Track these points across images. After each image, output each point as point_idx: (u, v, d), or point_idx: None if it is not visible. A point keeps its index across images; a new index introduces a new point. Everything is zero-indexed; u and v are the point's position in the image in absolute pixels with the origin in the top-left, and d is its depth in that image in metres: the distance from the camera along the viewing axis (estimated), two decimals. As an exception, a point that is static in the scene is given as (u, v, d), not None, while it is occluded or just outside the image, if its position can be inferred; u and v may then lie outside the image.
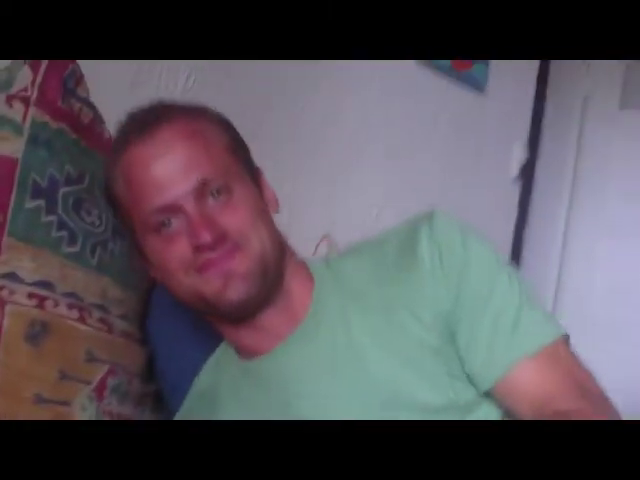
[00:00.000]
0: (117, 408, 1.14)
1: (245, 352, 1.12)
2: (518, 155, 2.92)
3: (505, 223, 2.95)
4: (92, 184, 1.19)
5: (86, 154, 1.20)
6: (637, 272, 3.04)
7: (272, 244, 1.06)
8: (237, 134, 1.11)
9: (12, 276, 1.07)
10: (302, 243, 1.20)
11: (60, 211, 1.13)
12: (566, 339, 1.06)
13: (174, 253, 1.02)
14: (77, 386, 1.09)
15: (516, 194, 2.96)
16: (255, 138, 1.16)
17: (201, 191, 1.01)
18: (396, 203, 2.32)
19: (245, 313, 1.05)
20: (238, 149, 1.10)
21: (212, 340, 1.19)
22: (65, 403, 1.06)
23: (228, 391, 1.13)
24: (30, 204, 1.11)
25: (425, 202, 2.38)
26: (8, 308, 1.06)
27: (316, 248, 1.86)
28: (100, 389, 1.11)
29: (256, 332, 1.08)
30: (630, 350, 2.89)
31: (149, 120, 1.05)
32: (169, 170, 1.01)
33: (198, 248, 1.00)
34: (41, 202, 1.12)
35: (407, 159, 2.41)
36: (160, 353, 1.29)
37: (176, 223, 1.01)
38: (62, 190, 1.14)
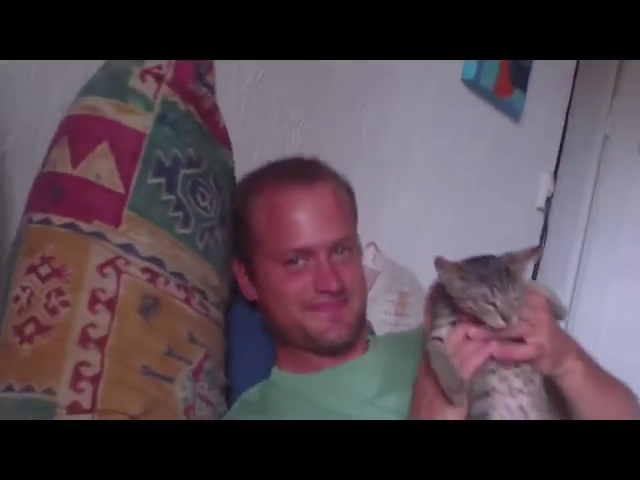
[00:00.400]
0: (207, 393, 1.15)
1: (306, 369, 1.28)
2: (545, 185, 2.98)
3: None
4: (209, 170, 1.21)
5: (207, 139, 1.22)
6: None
7: (365, 302, 1.31)
8: (356, 203, 1.35)
9: (129, 248, 1.10)
10: None
11: (179, 192, 1.16)
12: None
13: (296, 288, 1.23)
14: (180, 364, 1.10)
15: (539, 224, 3.03)
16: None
17: (334, 246, 1.24)
18: (434, 220, 2.39)
19: (337, 351, 1.26)
20: (356, 217, 1.34)
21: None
22: (169, 379, 1.08)
23: (285, 399, 1.25)
24: (152, 180, 1.13)
25: (459, 222, 2.47)
26: (124, 278, 1.08)
27: (363, 253, 1.90)
28: (197, 371, 1.13)
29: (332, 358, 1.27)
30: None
31: (308, 172, 1.27)
32: (316, 220, 1.23)
33: (323, 292, 1.22)
34: (162, 180, 1.14)
35: (448, 175, 2.47)
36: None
37: (303, 263, 1.23)
38: (182, 172, 1.17)
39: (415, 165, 2.31)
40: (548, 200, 3.02)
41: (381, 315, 1.72)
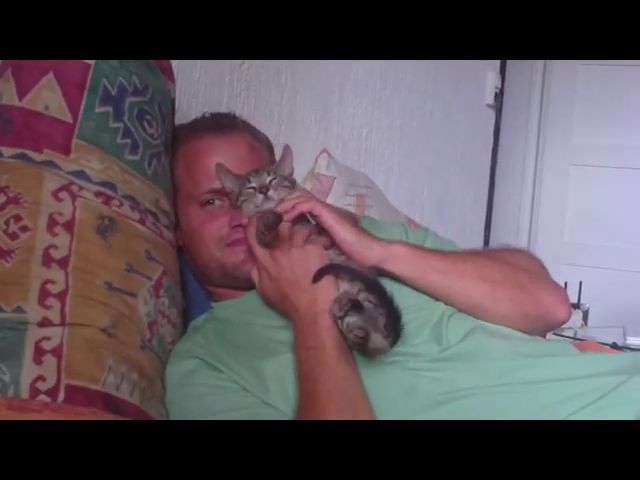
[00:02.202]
0: (168, 310, 1.20)
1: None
2: (492, 82, 3.15)
3: (483, 149, 3.20)
4: (153, 98, 1.26)
5: (151, 69, 1.26)
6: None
7: None
8: (274, 156, 1.44)
9: (81, 174, 1.14)
10: (302, 156, 1.33)
11: (126, 119, 1.20)
12: None
13: (213, 227, 1.30)
14: (141, 280, 1.15)
15: (492, 120, 3.19)
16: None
17: None
18: (382, 122, 2.49)
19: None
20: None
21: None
22: (132, 294, 1.12)
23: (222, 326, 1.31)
24: (100, 109, 1.17)
25: (409, 122, 2.56)
26: (79, 201, 1.12)
27: (316, 160, 1.96)
28: (157, 287, 1.18)
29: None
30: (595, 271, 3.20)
31: (224, 123, 1.37)
32: (229, 164, 1.29)
33: (236, 227, 1.28)
34: (109, 108, 1.18)
35: (394, 77, 2.55)
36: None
37: (219, 204, 1.32)
38: (129, 100, 1.21)
39: (359, 71, 2.36)
40: (497, 96, 3.15)
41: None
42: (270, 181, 1.24)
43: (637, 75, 3.46)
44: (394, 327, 1.12)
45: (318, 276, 1.15)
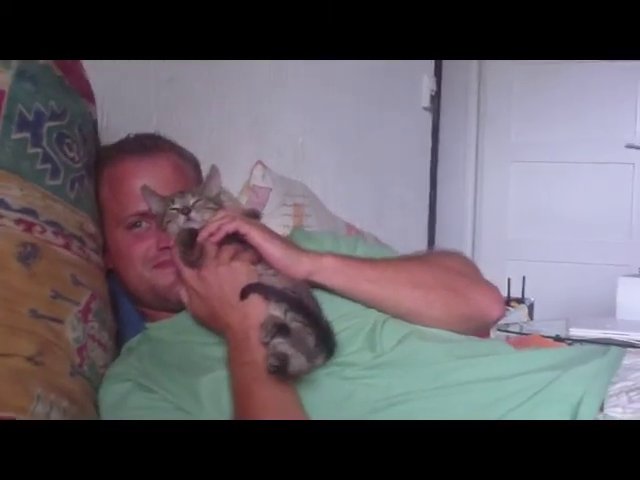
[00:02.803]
0: (98, 334, 1.19)
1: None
2: (427, 86, 3.20)
3: (421, 151, 3.24)
4: (72, 121, 1.24)
5: (68, 92, 1.25)
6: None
7: None
8: (201, 174, 1.44)
9: (0, 202, 1.12)
10: (237, 167, 1.34)
11: (45, 144, 1.18)
12: None
13: (141, 249, 1.31)
14: (67, 305, 1.14)
15: (429, 123, 3.23)
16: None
17: None
18: (318, 130, 2.49)
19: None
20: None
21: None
22: (58, 320, 1.11)
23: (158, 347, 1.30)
24: (16, 135, 1.15)
25: (345, 129, 2.57)
26: (-1, 230, 1.10)
27: (251, 172, 1.98)
28: (85, 312, 1.16)
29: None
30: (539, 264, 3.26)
31: (148, 145, 1.37)
32: (154, 186, 1.29)
33: (163, 249, 1.28)
34: (27, 134, 1.16)
35: (329, 83, 2.56)
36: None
37: (146, 226, 1.32)
38: (47, 124, 1.19)
39: (288, 75, 2.35)
40: (433, 99, 3.21)
41: (281, 229, 1.75)
42: (193, 203, 1.24)
43: (569, 70, 3.54)
44: (326, 343, 1.13)
45: (244, 293, 1.15)
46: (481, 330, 1.40)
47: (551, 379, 1.11)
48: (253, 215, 1.32)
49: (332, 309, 1.20)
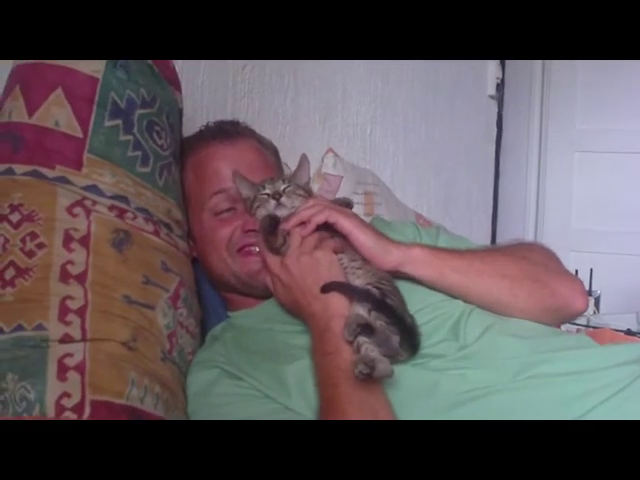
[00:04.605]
0: (186, 320, 1.21)
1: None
2: (493, 73, 3.15)
3: (486, 140, 3.22)
4: (161, 109, 1.25)
5: (157, 80, 1.26)
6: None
7: None
8: (280, 160, 1.48)
9: (94, 188, 1.14)
10: (309, 156, 1.34)
11: (136, 131, 1.20)
12: None
13: (226, 233, 1.32)
14: (158, 292, 1.15)
15: (494, 111, 3.20)
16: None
17: None
18: (386, 119, 2.49)
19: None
20: (280, 170, 1.46)
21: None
22: (150, 307, 1.13)
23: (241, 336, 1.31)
24: (109, 122, 1.17)
25: (413, 118, 2.57)
26: (93, 216, 1.12)
27: (323, 160, 1.98)
28: (175, 298, 1.18)
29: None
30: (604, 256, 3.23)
31: (229, 130, 1.39)
32: (238, 168, 1.31)
33: (249, 231, 1.29)
34: (119, 122, 1.18)
35: (395, 73, 2.55)
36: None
37: (231, 213, 1.33)
38: (138, 112, 1.20)
39: (360, 68, 2.36)
40: (498, 87, 3.16)
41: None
42: (284, 188, 1.25)
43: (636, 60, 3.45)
44: (410, 342, 1.12)
45: (325, 290, 1.15)
46: (564, 321, 1.39)
47: (638, 373, 1.09)
48: (345, 204, 1.31)
49: (418, 300, 1.19)
